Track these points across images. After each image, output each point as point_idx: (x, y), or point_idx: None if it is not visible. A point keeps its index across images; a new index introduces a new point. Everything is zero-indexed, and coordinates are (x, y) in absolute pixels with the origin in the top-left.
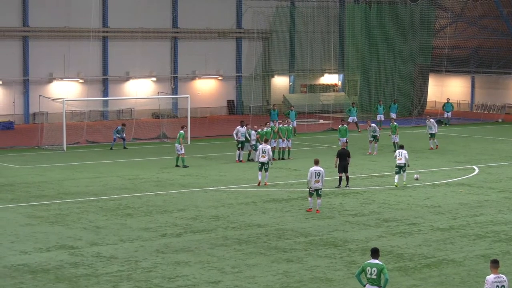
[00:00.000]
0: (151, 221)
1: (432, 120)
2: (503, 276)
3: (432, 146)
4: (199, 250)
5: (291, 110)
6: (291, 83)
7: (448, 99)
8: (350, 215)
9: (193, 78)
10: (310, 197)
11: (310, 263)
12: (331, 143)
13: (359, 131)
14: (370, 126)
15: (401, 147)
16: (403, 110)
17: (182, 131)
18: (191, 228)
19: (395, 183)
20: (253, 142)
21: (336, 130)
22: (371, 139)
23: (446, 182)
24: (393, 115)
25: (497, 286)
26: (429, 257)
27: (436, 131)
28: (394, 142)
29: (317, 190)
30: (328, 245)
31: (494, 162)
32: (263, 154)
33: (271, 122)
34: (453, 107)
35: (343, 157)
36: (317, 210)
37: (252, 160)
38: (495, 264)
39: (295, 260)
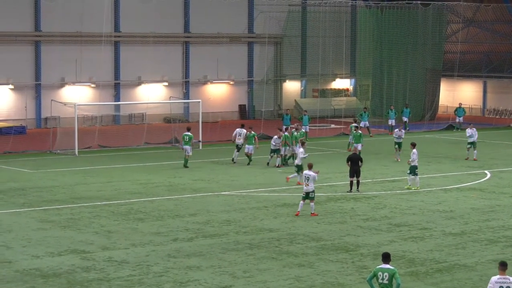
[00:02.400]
0: (163, 225)
1: (474, 128)
2: (510, 278)
3: (468, 157)
4: (210, 254)
5: (304, 115)
6: (302, 88)
7: (460, 104)
8: (361, 220)
9: (205, 82)
10: (302, 200)
11: (322, 268)
12: (342, 148)
13: (370, 136)
14: (395, 132)
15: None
16: (415, 115)
17: (190, 133)
18: (202, 232)
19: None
20: (273, 147)
21: (348, 134)
22: (396, 146)
23: (458, 187)
24: (406, 119)
25: (501, 287)
26: (440, 262)
27: (475, 140)
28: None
29: (307, 193)
30: (339, 250)
31: (506, 167)
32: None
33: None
34: (465, 112)
35: (355, 161)
36: (311, 213)
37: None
38: (503, 266)
39: (306, 265)
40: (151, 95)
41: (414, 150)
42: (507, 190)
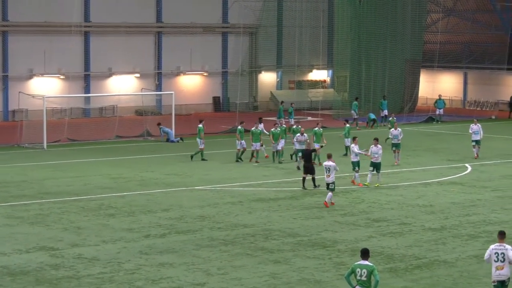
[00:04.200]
0: (134, 221)
1: (479, 125)
2: (506, 245)
3: (476, 154)
4: (184, 251)
5: (292, 107)
6: (278, 79)
7: (440, 96)
8: (339, 215)
9: (178, 74)
10: (330, 192)
11: (298, 264)
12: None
13: (357, 129)
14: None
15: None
16: (394, 107)
17: (200, 125)
18: (175, 228)
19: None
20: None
21: (326, 127)
22: (394, 148)
23: (438, 181)
24: (385, 112)
25: (496, 253)
26: (420, 258)
27: (482, 136)
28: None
29: (328, 184)
30: (316, 246)
31: (487, 161)
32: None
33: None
34: (445, 104)
35: (306, 158)
36: (330, 202)
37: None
38: (501, 235)
39: (282, 261)
40: (122, 87)
41: (380, 146)
42: (488, 184)
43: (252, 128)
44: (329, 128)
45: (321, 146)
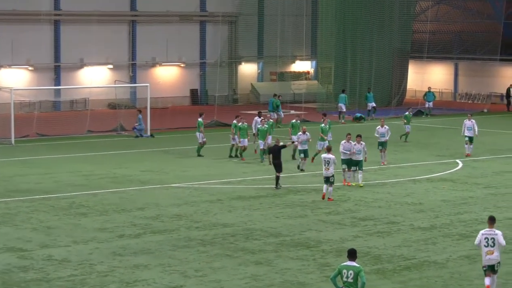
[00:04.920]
0: (107, 220)
1: (473, 120)
2: (495, 230)
3: (468, 152)
4: (159, 252)
5: (278, 100)
6: (259, 71)
7: (429, 88)
8: (323, 214)
9: (153, 65)
10: (325, 184)
11: (281, 266)
12: None
13: (342, 122)
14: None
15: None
16: (381, 100)
17: (200, 119)
18: (151, 228)
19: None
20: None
21: (309, 121)
22: (380, 147)
23: (428, 178)
24: (372, 104)
25: (486, 238)
26: (409, 259)
27: (477, 134)
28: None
29: (327, 178)
30: (300, 246)
31: (479, 156)
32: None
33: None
34: (435, 97)
35: (275, 154)
36: (329, 198)
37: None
38: (491, 220)
39: (264, 262)
40: (95, 79)
41: (363, 143)
42: (480, 181)
43: (239, 123)
44: (313, 122)
45: (292, 142)
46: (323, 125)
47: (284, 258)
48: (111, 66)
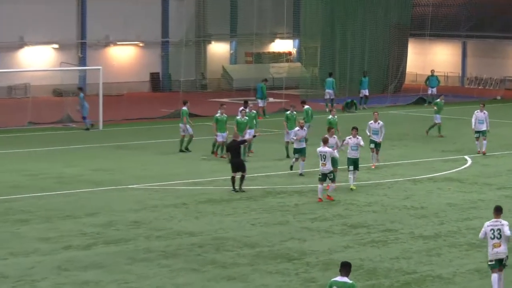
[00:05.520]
0: (52, 229)
1: (486, 112)
2: (502, 221)
3: (483, 149)
4: (114, 266)
5: (263, 84)
6: (232, 51)
7: (432, 71)
8: (308, 220)
9: (106, 45)
10: (320, 183)
11: (257, 282)
12: (282, 128)
13: (332, 112)
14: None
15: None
16: (376, 85)
17: (184, 108)
18: (103, 237)
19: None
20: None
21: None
22: (372, 145)
23: (431, 177)
24: (364, 92)
25: (492, 229)
26: (409, 273)
27: (488, 129)
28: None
29: (324, 175)
30: (280, 259)
31: (492, 151)
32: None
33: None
34: (439, 81)
35: (234, 152)
36: (328, 196)
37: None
38: (497, 211)
39: (238, 277)
40: (37, 61)
41: (359, 137)
42: (493, 181)
43: (217, 114)
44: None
45: (254, 136)
46: (330, 117)
47: (261, 272)
48: (56, 46)
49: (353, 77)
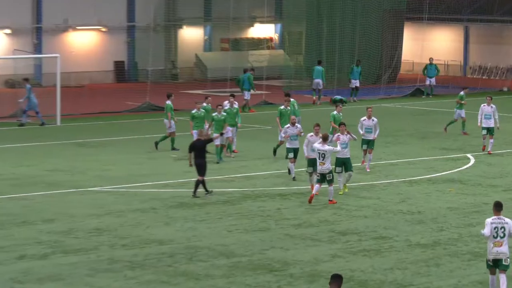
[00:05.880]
0: (5, 236)
1: (493, 106)
2: (505, 218)
3: (485, 146)
4: (73, 278)
5: (250, 74)
6: (207, 37)
7: (431, 60)
8: (291, 226)
9: (65, 30)
10: (318, 184)
11: None
12: (263, 123)
13: (318, 104)
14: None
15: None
16: (367, 75)
17: (168, 101)
18: (62, 246)
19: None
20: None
21: (272, 104)
22: (364, 146)
23: (429, 178)
24: (355, 83)
25: (496, 227)
26: (405, 285)
27: (498, 125)
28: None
29: (323, 175)
30: (260, 269)
31: (497, 149)
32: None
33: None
34: (438, 71)
35: (199, 152)
36: (330, 200)
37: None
38: (497, 207)
39: None
40: None
41: (348, 135)
42: (499, 182)
43: (193, 110)
44: (277, 104)
45: (221, 134)
46: (335, 112)
47: (239, 285)
48: (8, 31)
49: (342, 66)
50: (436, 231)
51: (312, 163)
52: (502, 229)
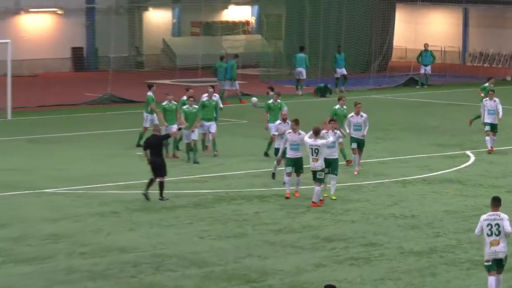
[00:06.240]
0: None
1: (496, 99)
2: (501, 214)
3: (490, 146)
4: None
5: (235, 61)
6: (175, 21)
7: (426, 46)
8: (270, 232)
9: (16, 12)
10: (317, 184)
11: None
12: (238, 117)
13: (300, 95)
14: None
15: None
16: (355, 63)
17: (150, 93)
18: (13, 255)
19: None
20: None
21: (248, 95)
22: (354, 144)
23: (424, 178)
24: (341, 71)
25: (489, 224)
26: None
27: (500, 118)
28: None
29: (315, 173)
30: (235, 280)
31: (500, 146)
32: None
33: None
34: (434, 58)
35: (155, 149)
36: (314, 202)
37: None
38: (495, 202)
39: None
40: None
41: (337, 132)
42: (501, 182)
43: (164, 102)
44: (252, 95)
45: (179, 129)
46: (337, 107)
47: None
48: None
49: (327, 53)
50: (432, 237)
51: (292, 162)
52: (497, 226)
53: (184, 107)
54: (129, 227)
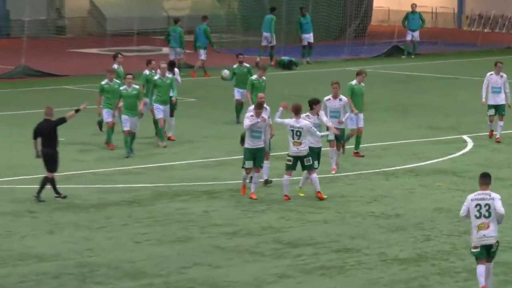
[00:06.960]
0: None
1: (504, 75)
2: (492, 193)
3: (493, 130)
4: None
5: (206, 25)
6: None
7: (413, 6)
8: (222, 235)
9: None
10: (287, 173)
11: None
12: (185, 95)
13: (272, 64)
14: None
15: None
16: (326, 29)
17: (147, 71)
18: None
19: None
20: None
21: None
22: (331, 137)
23: (411, 168)
24: (308, 38)
25: (478, 205)
26: None
27: (509, 102)
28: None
29: (300, 160)
30: None
31: (504, 130)
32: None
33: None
34: (423, 22)
35: (48, 139)
36: (318, 193)
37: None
38: (484, 179)
39: None
40: None
41: (322, 112)
42: (504, 174)
43: (104, 81)
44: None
45: (141, 115)
46: (354, 82)
47: None
48: None
49: (292, 16)
50: (421, 241)
51: (252, 154)
52: (487, 207)
53: (122, 88)
54: (49, 230)
